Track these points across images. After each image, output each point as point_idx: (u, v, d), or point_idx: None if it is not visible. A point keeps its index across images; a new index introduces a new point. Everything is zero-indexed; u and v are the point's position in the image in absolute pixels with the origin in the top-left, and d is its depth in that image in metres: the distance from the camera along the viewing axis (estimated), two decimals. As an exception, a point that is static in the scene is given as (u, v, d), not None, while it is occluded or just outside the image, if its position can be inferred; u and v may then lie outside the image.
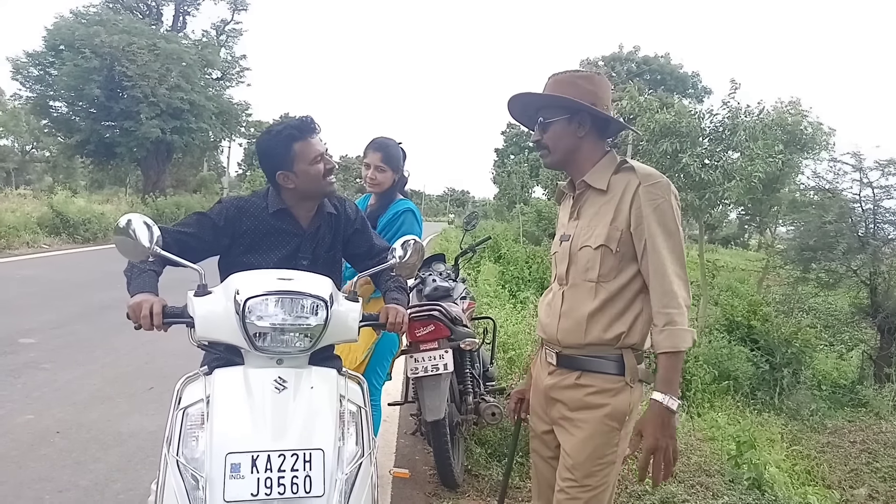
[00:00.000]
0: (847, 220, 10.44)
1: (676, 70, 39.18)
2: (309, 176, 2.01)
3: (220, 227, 2.03)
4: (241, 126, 31.29)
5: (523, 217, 26.90)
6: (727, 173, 12.47)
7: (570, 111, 1.82)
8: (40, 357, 5.05)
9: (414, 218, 3.00)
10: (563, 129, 1.84)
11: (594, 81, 1.84)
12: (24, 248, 12.06)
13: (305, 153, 2.00)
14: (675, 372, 1.72)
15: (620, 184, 1.79)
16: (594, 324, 1.79)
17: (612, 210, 1.78)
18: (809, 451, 6.48)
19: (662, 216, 1.72)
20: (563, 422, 1.89)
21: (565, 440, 1.88)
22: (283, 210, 2.08)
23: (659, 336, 1.71)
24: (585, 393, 1.83)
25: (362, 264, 2.23)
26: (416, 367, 3.10)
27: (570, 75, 1.85)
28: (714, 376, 7.65)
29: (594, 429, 1.81)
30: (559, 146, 1.87)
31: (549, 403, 1.94)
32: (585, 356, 1.83)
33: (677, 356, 1.71)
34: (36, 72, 23.75)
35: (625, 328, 1.78)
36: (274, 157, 2.02)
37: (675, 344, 1.69)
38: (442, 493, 3.25)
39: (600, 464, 1.82)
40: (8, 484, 3.01)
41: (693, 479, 3.71)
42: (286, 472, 1.50)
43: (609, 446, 1.82)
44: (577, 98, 1.79)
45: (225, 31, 29.98)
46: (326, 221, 2.17)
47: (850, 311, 10.90)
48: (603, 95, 1.84)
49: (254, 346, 1.65)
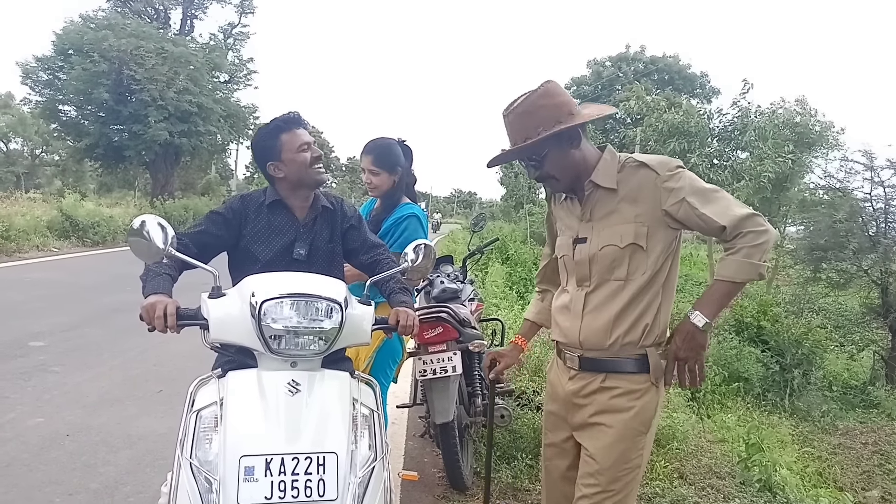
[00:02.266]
0: (858, 219, 10.35)
1: (684, 70, 39.03)
2: (296, 164, 2.10)
3: (229, 219, 2.12)
4: (248, 129, 31.34)
5: (530, 218, 26.84)
6: (736, 173, 12.45)
7: (553, 139, 1.77)
8: (50, 360, 5.07)
9: (418, 223, 2.89)
10: (559, 156, 1.81)
11: (549, 94, 1.78)
12: (34, 252, 12.13)
13: (291, 142, 2.10)
14: (718, 296, 1.72)
15: (633, 180, 1.78)
16: (620, 323, 1.79)
17: (633, 207, 1.77)
18: (821, 453, 6.43)
19: (695, 184, 1.72)
20: (588, 426, 1.87)
21: (590, 444, 1.85)
22: (278, 201, 2.17)
23: (720, 264, 1.71)
24: (612, 395, 1.81)
25: (356, 259, 2.30)
26: (424, 369, 3.09)
27: (525, 103, 1.78)
28: (724, 377, 7.60)
29: (621, 433, 1.79)
30: (565, 172, 1.84)
31: (572, 409, 1.91)
32: (610, 357, 1.82)
33: (727, 285, 1.70)
34: (45, 76, 23.94)
35: (649, 320, 1.78)
36: (264, 150, 2.14)
37: (730, 274, 1.68)
38: (451, 495, 3.24)
39: (626, 468, 1.80)
40: (18, 487, 3.02)
41: (703, 482, 3.68)
42: (300, 475, 1.49)
43: (635, 450, 1.80)
44: (547, 121, 1.75)
45: (232, 35, 30.12)
46: (322, 215, 2.23)
47: (860, 312, 10.81)
48: (564, 100, 1.79)
49: (269, 348, 1.65)
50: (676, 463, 3.85)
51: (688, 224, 1.74)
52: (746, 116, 13.00)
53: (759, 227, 1.65)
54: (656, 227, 1.76)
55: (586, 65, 39.28)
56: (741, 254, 1.66)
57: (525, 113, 1.78)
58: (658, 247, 1.77)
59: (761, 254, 1.65)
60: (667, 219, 1.75)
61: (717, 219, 1.67)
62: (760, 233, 1.65)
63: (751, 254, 1.64)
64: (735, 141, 12.85)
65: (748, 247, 1.65)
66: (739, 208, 1.69)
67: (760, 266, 1.66)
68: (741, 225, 1.66)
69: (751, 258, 1.65)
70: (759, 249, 1.65)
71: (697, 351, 1.72)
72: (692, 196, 1.70)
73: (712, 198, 1.70)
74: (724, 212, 1.68)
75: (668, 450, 3.95)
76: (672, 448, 3.97)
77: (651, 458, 3.78)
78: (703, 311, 1.71)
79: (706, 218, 1.68)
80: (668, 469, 3.70)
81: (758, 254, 1.65)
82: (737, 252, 1.67)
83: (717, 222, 1.67)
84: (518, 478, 3.42)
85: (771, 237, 1.66)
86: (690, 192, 1.70)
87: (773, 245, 1.70)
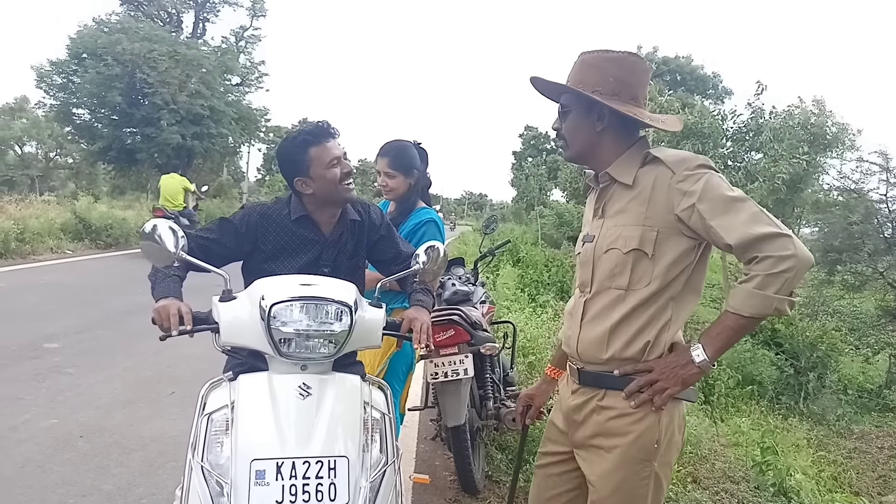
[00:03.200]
0: (873, 220, 10.24)
1: (697, 70, 38.86)
2: (325, 181, 2.00)
3: (241, 233, 2.05)
4: (260, 131, 31.56)
5: (542, 220, 26.80)
6: (750, 174, 12.35)
7: (587, 101, 1.62)
8: (64, 362, 5.10)
9: (437, 228, 2.87)
10: (580, 122, 1.66)
11: (624, 65, 1.62)
12: (47, 254, 12.22)
13: (321, 157, 2.00)
14: (725, 331, 1.49)
15: (649, 177, 1.58)
16: (617, 336, 1.60)
17: (643, 208, 1.57)
18: (836, 457, 6.37)
19: (713, 189, 1.47)
20: (586, 448, 1.69)
21: (588, 469, 1.68)
22: (304, 217, 2.08)
23: (731, 291, 1.49)
24: (609, 417, 1.61)
25: (388, 270, 2.23)
26: (436, 372, 3.08)
27: (597, 56, 1.63)
28: (738, 381, 7.55)
29: (618, 459, 1.59)
30: (576, 140, 1.69)
31: (572, 425, 1.73)
32: (607, 372, 1.63)
33: (737, 319, 1.46)
34: (59, 80, 24.13)
35: (651, 337, 1.57)
36: (292, 164, 2.03)
37: (737, 305, 1.45)
38: (462, 499, 3.23)
39: (627, 501, 1.60)
40: (33, 488, 3.04)
41: (718, 486, 3.66)
42: (311, 479, 1.49)
43: (636, 480, 1.58)
44: (597, 85, 1.59)
45: (244, 38, 30.22)
46: (349, 229, 2.16)
47: (876, 314, 10.71)
48: (632, 81, 1.62)
49: (279, 351, 1.64)
50: (690, 467, 3.83)
51: (700, 234, 1.52)
52: (760, 117, 12.92)
53: (782, 252, 1.38)
54: (668, 234, 1.54)
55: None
56: (754, 283, 1.42)
57: (594, 66, 1.63)
58: (668, 256, 1.54)
59: (780, 284, 1.39)
60: (680, 225, 1.53)
61: (725, 235, 1.43)
62: (782, 258, 1.38)
63: (766, 283, 1.40)
64: (749, 142, 12.77)
65: (764, 275, 1.40)
66: (759, 226, 1.41)
67: (777, 300, 1.40)
68: (756, 247, 1.41)
69: (765, 289, 1.40)
70: (778, 279, 1.39)
71: (679, 384, 1.53)
72: (705, 203, 1.46)
73: (730, 209, 1.44)
74: (739, 227, 1.42)
75: (682, 454, 3.92)
76: (686, 452, 3.94)
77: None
78: (706, 348, 1.51)
79: (713, 231, 1.46)
80: (681, 473, 3.67)
81: (776, 284, 1.39)
82: (749, 280, 1.43)
83: (724, 239, 1.44)
84: (530, 481, 3.39)
85: (799, 265, 1.39)
86: (705, 197, 1.46)
87: (804, 273, 1.43)
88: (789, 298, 1.42)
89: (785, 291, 1.41)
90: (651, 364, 1.58)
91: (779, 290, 1.40)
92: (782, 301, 1.41)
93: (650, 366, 1.57)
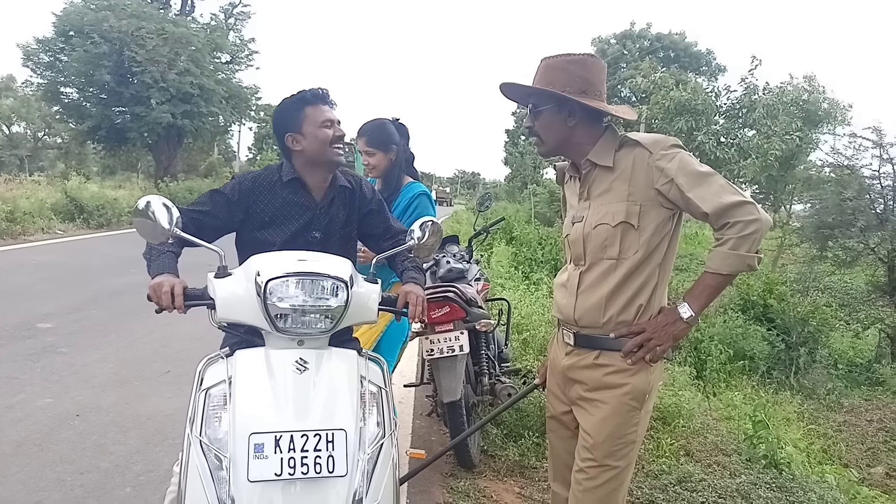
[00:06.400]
0: (866, 196, 10.26)
1: (690, 47, 38.55)
2: (317, 140, 2.02)
3: (233, 201, 2.04)
4: (250, 110, 31.23)
5: (535, 198, 26.75)
6: (743, 151, 12.37)
7: (559, 100, 1.81)
8: (58, 341, 5.10)
9: (428, 201, 2.96)
10: (552, 119, 1.84)
11: (586, 66, 1.81)
12: (39, 234, 12.15)
13: (315, 116, 2.03)
14: (706, 289, 1.72)
15: (627, 158, 1.78)
16: (613, 302, 1.80)
17: (626, 186, 1.77)
18: (826, 430, 6.45)
19: (686, 166, 1.69)
20: (582, 402, 1.90)
21: (584, 420, 1.88)
22: (295, 179, 2.08)
23: (709, 254, 1.70)
24: (604, 373, 1.83)
25: (378, 245, 2.24)
26: (431, 348, 3.09)
27: (561, 60, 1.82)
28: (729, 356, 7.60)
29: (614, 408, 1.81)
30: (550, 136, 1.87)
31: (568, 384, 1.95)
32: (604, 335, 1.83)
33: (716, 277, 1.69)
34: (46, 58, 23.81)
35: (643, 300, 1.79)
36: (285, 119, 2.07)
37: (716, 266, 1.67)
38: (458, 473, 3.26)
39: (620, 443, 1.82)
40: (31, 466, 3.05)
41: (710, 459, 3.70)
42: (309, 452, 1.49)
43: (629, 426, 1.82)
44: (566, 85, 1.78)
45: (233, 15, 29.82)
46: (340, 195, 2.16)
47: (867, 290, 10.78)
48: (595, 80, 1.82)
49: (275, 327, 1.64)
50: (683, 440, 3.87)
51: (678, 206, 1.73)
52: (754, 94, 12.89)
53: (749, 217, 1.61)
54: (649, 207, 1.75)
55: (591, 43, 38.78)
56: (728, 245, 1.63)
57: (559, 68, 1.81)
58: (651, 226, 1.76)
59: (750, 244, 1.62)
60: (660, 198, 1.74)
61: (701, 204, 1.65)
62: (749, 222, 1.61)
63: (738, 245, 1.62)
64: (742, 118, 12.77)
65: (736, 237, 1.62)
66: (729, 195, 1.64)
67: (749, 257, 1.63)
68: (728, 213, 1.62)
69: (738, 249, 1.62)
70: (748, 240, 1.61)
71: (670, 339, 1.74)
72: (681, 177, 1.68)
73: (703, 181, 1.66)
74: (711, 197, 1.64)
75: (675, 427, 3.96)
76: (678, 426, 3.99)
77: (657, 436, 3.80)
78: (691, 305, 1.72)
79: (691, 202, 1.67)
80: (674, 446, 3.71)
81: (746, 244, 1.62)
82: (724, 243, 1.64)
83: (701, 208, 1.65)
84: (525, 455, 3.44)
85: (762, 226, 1.61)
86: (681, 173, 1.68)
87: (766, 233, 1.65)
88: (757, 255, 1.65)
89: (753, 250, 1.63)
90: (643, 325, 1.79)
91: (749, 249, 1.62)
92: (753, 258, 1.63)
93: (642, 326, 1.78)
